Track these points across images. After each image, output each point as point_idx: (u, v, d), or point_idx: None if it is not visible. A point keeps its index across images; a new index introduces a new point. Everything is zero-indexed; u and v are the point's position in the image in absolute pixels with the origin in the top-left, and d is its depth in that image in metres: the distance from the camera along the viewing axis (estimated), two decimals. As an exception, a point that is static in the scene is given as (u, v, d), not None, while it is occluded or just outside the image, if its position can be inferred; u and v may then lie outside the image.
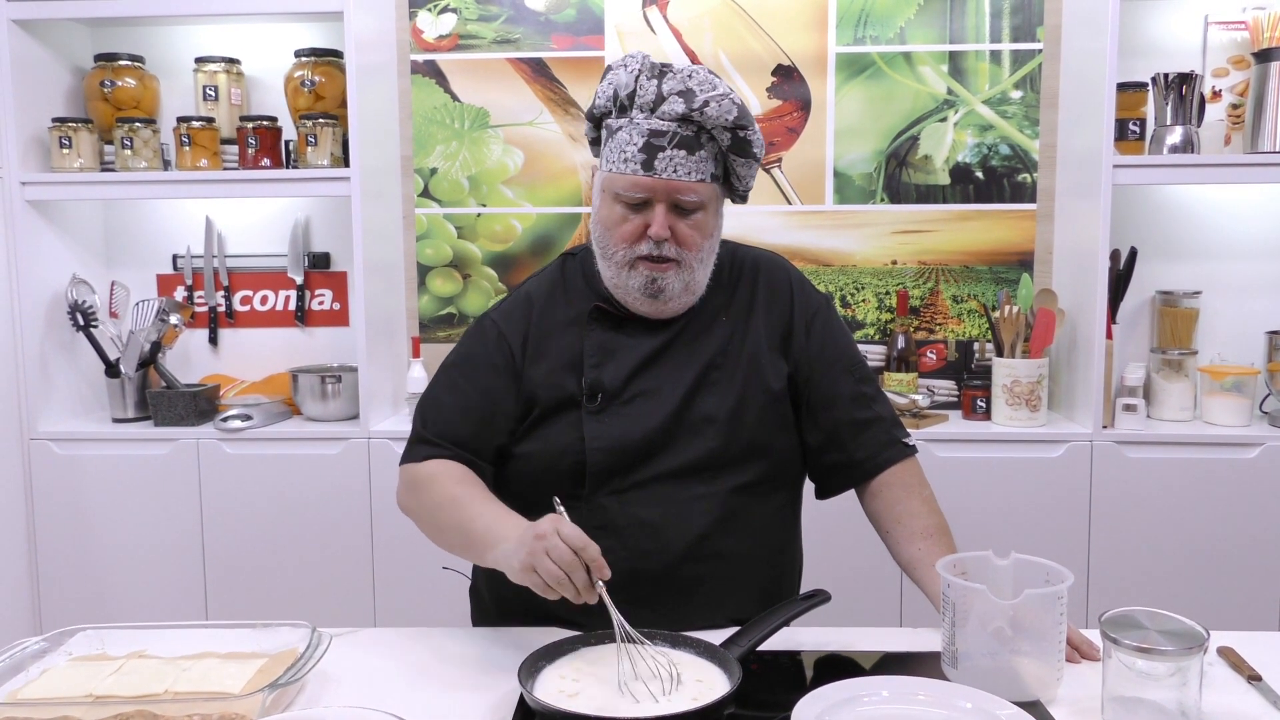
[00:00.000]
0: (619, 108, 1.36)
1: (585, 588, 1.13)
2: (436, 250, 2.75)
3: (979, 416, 2.53)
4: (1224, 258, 2.60)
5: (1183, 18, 2.54)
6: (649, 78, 1.34)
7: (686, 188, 1.33)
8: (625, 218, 1.35)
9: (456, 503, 1.32)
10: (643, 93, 1.33)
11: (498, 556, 1.21)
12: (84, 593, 2.52)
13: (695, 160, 1.33)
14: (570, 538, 1.13)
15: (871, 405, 1.46)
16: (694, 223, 1.35)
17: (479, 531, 1.27)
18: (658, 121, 1.32)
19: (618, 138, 1.34)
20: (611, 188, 1.35)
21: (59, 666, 1.23)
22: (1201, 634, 1.06)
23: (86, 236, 2.72)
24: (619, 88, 1.35)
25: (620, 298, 1.41)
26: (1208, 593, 2.35)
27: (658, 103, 1.32)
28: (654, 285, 1.35)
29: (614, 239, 1.36)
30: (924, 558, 1.36)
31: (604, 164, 1.38)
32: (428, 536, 1.39)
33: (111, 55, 2.61)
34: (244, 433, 2.49)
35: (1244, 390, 2.44)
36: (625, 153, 1.33)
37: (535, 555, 1.14)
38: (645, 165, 1.32)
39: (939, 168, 2.66)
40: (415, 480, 1.41)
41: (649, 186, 1.32)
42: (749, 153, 1.37)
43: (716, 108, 1.31)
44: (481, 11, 2.68)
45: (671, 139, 1.31)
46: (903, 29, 2.62)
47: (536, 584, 1.15)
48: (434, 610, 2.36)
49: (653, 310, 1.40)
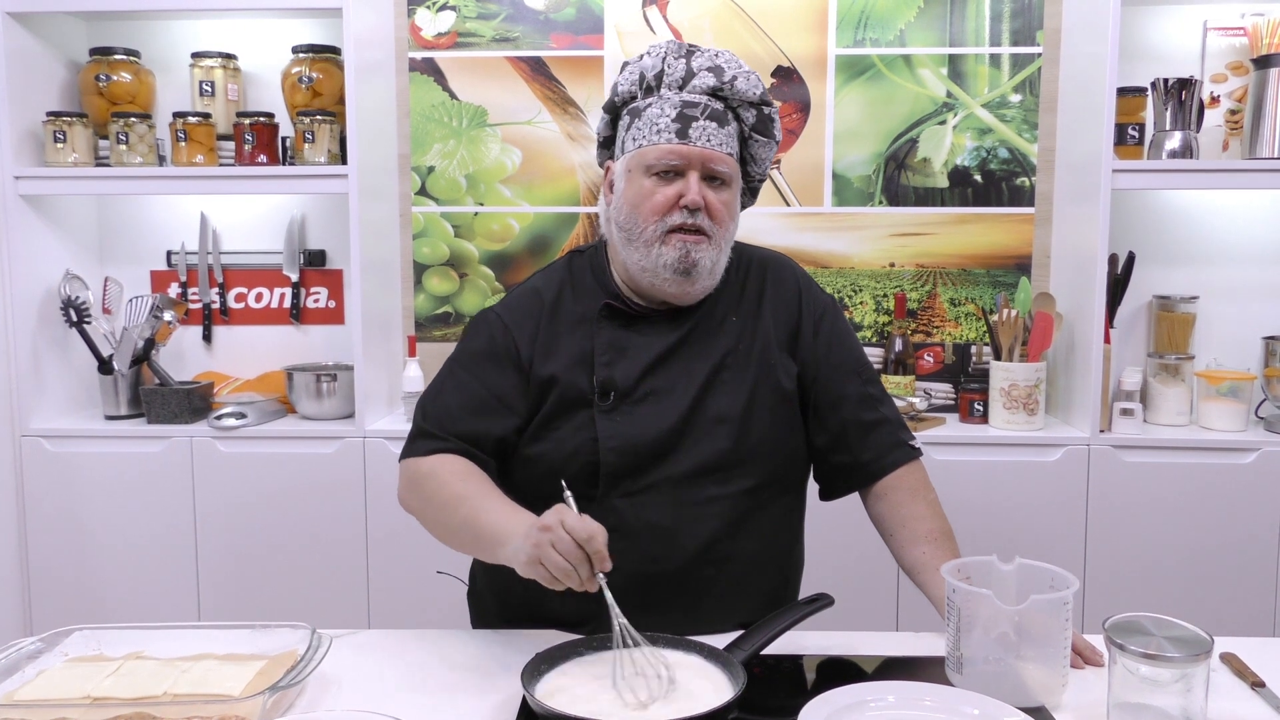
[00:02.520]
0: (645, 89, 1.39)
1: (589, 579, 1.13)
2: (433, 249, 2.74)
3: (976, 420, 2.53)
4: (1221, 263, 2.61)
5: (1182, 23, 2.55)
6: (677, 58, 1.38)
7: (719, 157, 1.36)
8: (656, 190, 1.36)
9: (463, 500, 1.30)
10: (671, 71, 1.37)
11: (507, 554, 1.20)
12: (76, 592, 2.50)
13: (725, 134, 1.37)
14: (575, 529, 1.12)
15: (878, 407, 1.45)
16: (723, 199, 1.37)
17: (487, 530, 1.25)
18: (689, 95, 1.36)
19: (647, 114, 1.37)
20: (643, 161, 1.36)
21: (55, 668, 1.21)
22: (1207, 640, 1.06)
23: (80, 232, 2.70)
24: (646, 70, 1.39)
25: (646, 284, 1.39)
26: (1204, 597, 2.36)
27: (688, 78, 1.37)
28: (688, 259, 1.35)
29: (644, 213, 1.36)
30: (928, 562, 1.35)
31: (630, 144, 1.38)
32: (433, 534, 1.37)
33: (107, 49, 2.59)
34: (238, 431, 2.47)
35: (1240, 395, 2.44)
36: (658, 124, 1.35)
37: (541, 548, 1.13)
38: (680, 134, 1.34)
39: (938, 171, 2.66)
40: (417, 476, 1.38)
41: (684, 154, 1.34)
42: (770, 132, 1.42)
43: (745, 82, 1.37)
44: (480, 9, 2.67)
45: (704, 110, 1.36)
46: (903, 31, 2.62)
47: (543, 576, 1.14)
48: (429, 612, 2.35)
49: (678, 292, 1.39)
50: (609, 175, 1.44)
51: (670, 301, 1.41)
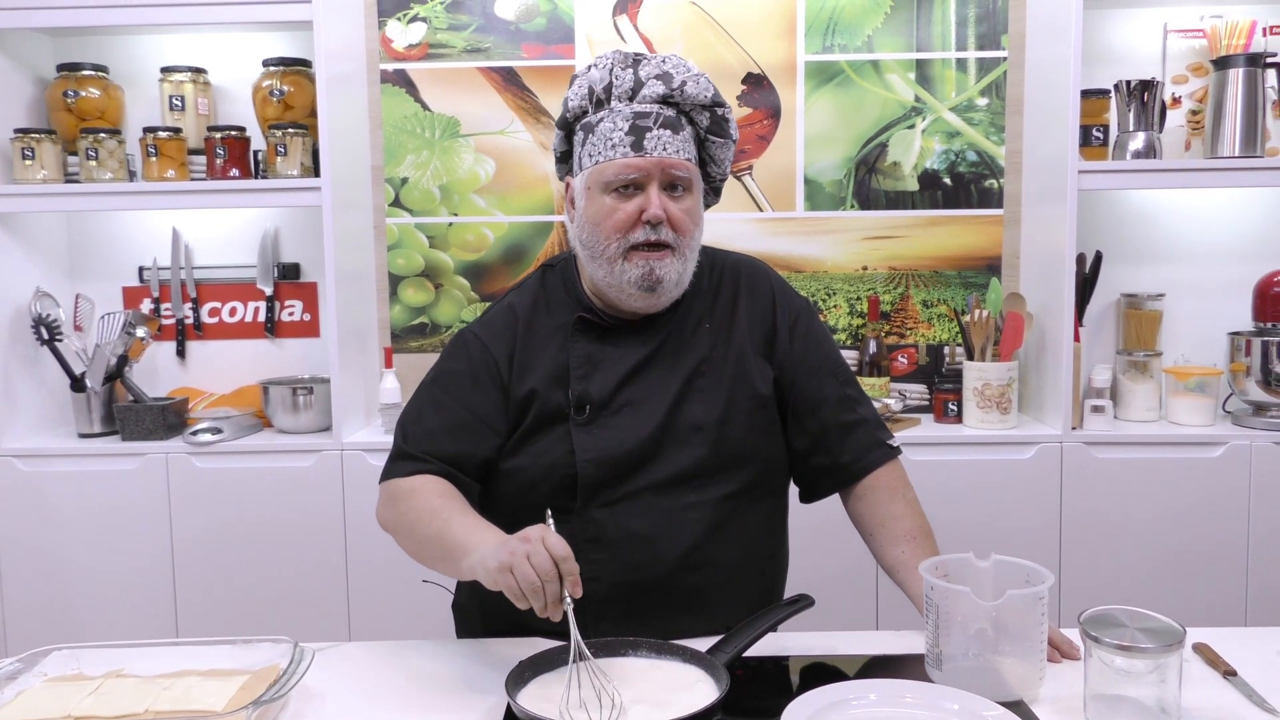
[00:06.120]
0: (595, 103, 1.37)
1: (555, 601, 1.11)
2: (408, 260, 2.74)
3: (950, 420, 2.56)
4: (1186, 261, 2.66)
5: (1143, 26, 2.59)
6: (623, 68, 1.37)
7: (677, 163, 1.35)
8: (616, 207, 1.35)
9: (435, 514, 1.30)
10: (619, 83, 1.36)
11: (473, 561, 1.17)
12: (50, 613, 2.47)
13: (680, 139, 1.35)
14: (554, 548, 1.11)
15: (856, 408, 1.46)
16: (685, 207, 1.36)
17: (456, 540, 1.24)
18: (640, 105, 1.34)
19: (600, 129, 1.35)
20: (600, 178, 1.35)
21: (34, 688, 1.20)
22: (1180, 631, 1.08)
23: (50, 249, 2.68)
24: (593, 83, 1.37)
25: (613, 297, 1.40)
26: (1176, 589, 2.39)
27: (637, 88, 1.35)
28: (651, 276, 1.34)
29: (605, 231, 1.35)
30: (907, 561, 1.37)
31: (586, 160, 1.37)
32: (406, 552, 1.36)
33: (75, 65, 2.57)
34: (214, 446, 2.45)
35: (1208, 390, 2.48)
36: (611, 139, 1.34)
37: (516, 557, 1.11)
38: (635, 146, 1.33)
39: (908, 174, 2.69)
40: (396, 495, 1.38)
41: (641, 166, 1.33)
42: (725, 132, 1.40)
43: (695, 86, 1.36)
44: (451, 20, 2.68)
45: (656, 119, 1.34)
46: (870, 37, 2.65)
47: (510, 587, 1.11)
48: (410, 625, 2.34)
49: (645, 305, 1.39)
50: (569, 191, 1.43)
51: (640, 312, 1.41)
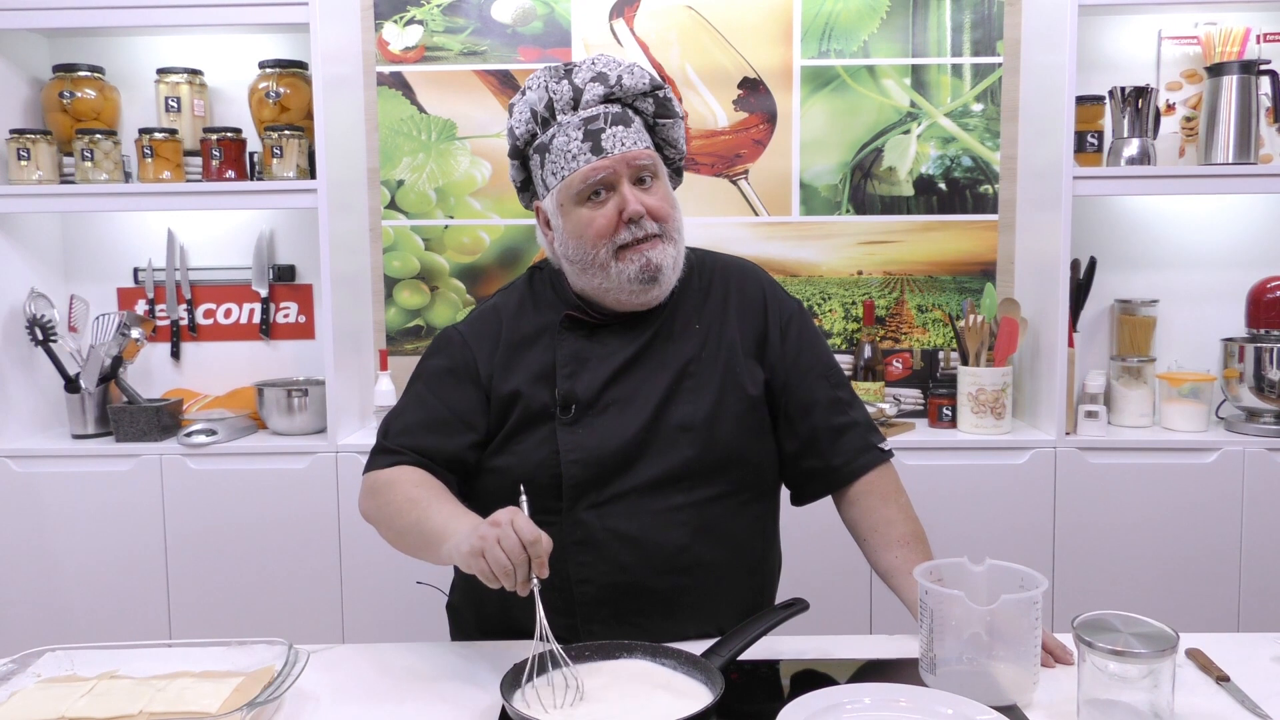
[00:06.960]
0: (542, 123, 1.38)
1: (524, 582, 1.13)
2: (404, 262, 2.74)
3: (945, 424, 2.56)
4: (1180, 267, 2.67)
5: (1137, 33, 2.60)
6: (558, 81, 1.38)
7: (638, 153, 1.36)
8: (594, 215, 1.36)
9: (415, 504, 1.32)
10: (559, 96, 1.37)
11: (449, 548, 1.20)
12: (45, 614, 2.46)
13: (634, 132, 1.37)
14: (522, 530, 1.13)
15: (848, 410, 1.46)
16: (658, 195, 1.38)
17: (433, 529, 1.26)
18: (586, 111, 1.36)
19: (555, 146, 1.36)
20: (570, 191, 1.36)
21: (27, 689, 1.20)
22: (1173, 636, 1.09)
23: (45, 250, 2.67)
24: (534, 105, 1.38)
25: (615, 298, 1.40)
26: (1170, 594, 2.40)
27: (578, 96, 1.36)
28: (650, 266, 1.36)
29: (590, 240, 1.36)
30: (901, 565, 1.37)
31: (550, 179, 1.38)
32: (387, 541, 1.38)
33: (70, 66, 2.57)
34: (208, 448, 2.45)
35: (1201, 396, 2.49)
36: (569, 150, 1.35)
37: (486, 541, 1.13)
38: (594, 150, 1.34)
39: (903, 179, 2.69)
40: (375, 486, 1.40)
41: (606, 166, 1.34)
42: (672, 111, 1.42)
43: (631, 77, 1.38)
44: (448, 23, 2.68)
45: (606, 119, 1.35)
46: (866, 43, 2.66)
47: (482, 570, 1.14)
48: (403, 626, 2.34)
49: (646, 300, 1.40)
50: (541, 215, 1.44)
51: (639, 308, 1.42)
